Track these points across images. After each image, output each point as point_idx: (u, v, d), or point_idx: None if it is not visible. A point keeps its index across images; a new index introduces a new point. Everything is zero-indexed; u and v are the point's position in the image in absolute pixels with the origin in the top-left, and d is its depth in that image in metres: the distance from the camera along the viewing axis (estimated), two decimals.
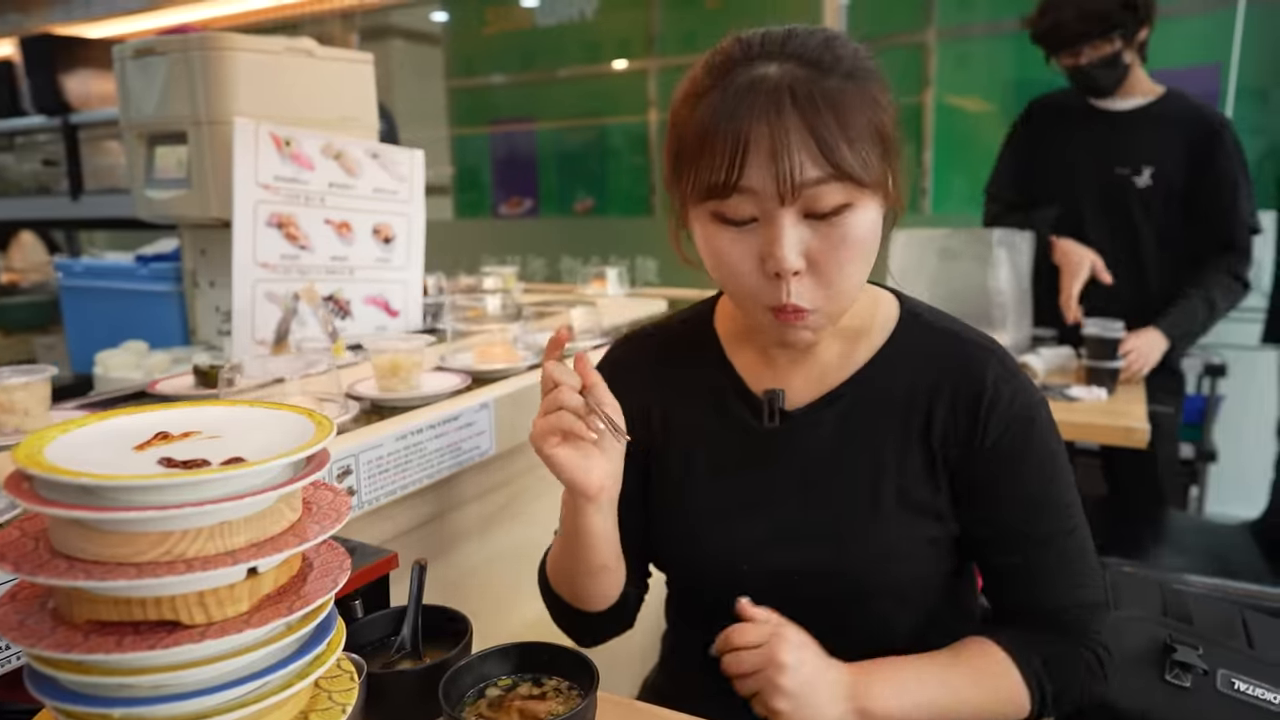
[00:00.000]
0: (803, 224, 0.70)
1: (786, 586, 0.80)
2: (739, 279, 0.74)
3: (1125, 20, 1.87)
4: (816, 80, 0.68)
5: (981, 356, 0.80)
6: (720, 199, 0.70)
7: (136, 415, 0.56)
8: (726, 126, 0.68)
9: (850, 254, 0.71)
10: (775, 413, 0.83)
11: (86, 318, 1.88)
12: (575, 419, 0.75)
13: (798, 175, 0.67)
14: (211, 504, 0.46)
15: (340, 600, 0.82)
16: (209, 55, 1.40)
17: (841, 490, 0.80)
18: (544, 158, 4.87)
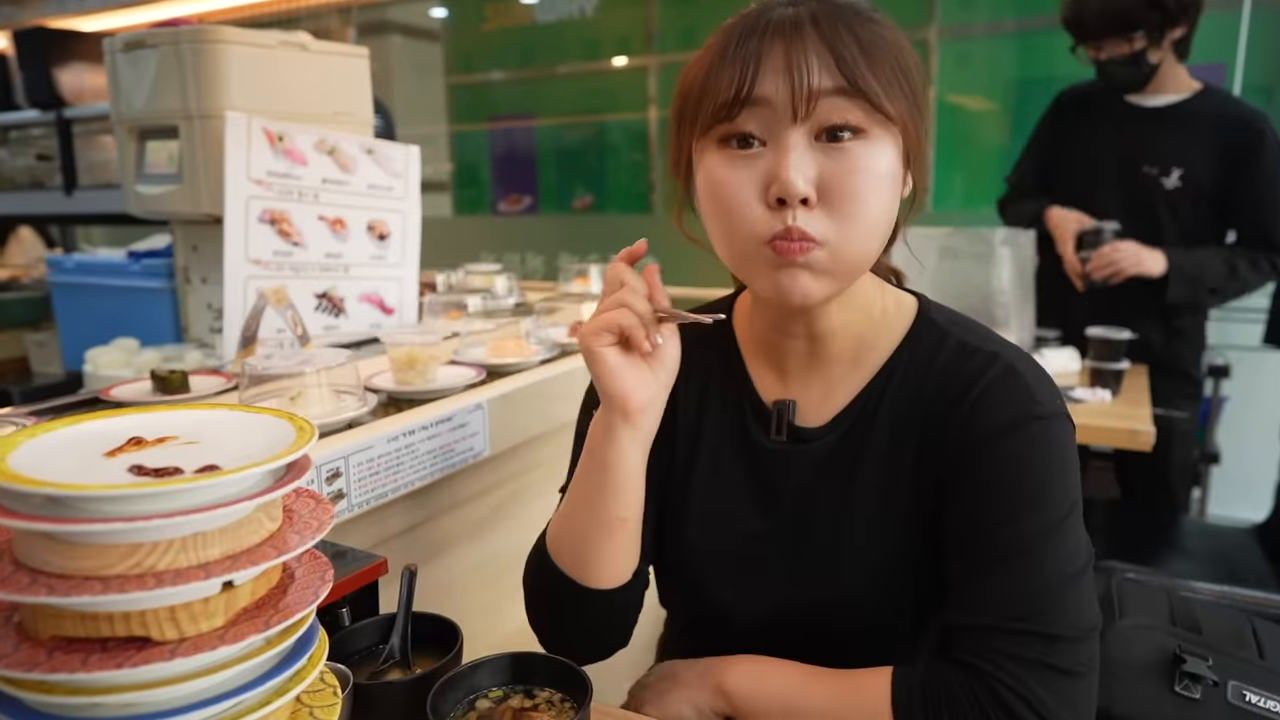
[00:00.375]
0: (814, 150, 0.65)
1: (783, 613, 0.77)
2: (737, 211, 0.66)
3: (1149, 20, 1.82)
4: (839, 16, 0.66)
5: (983, 359, 0.72)
6: (728, 120, 0.66)
7: (110, 419, 0.54)
8: (739, 50, 0.66)
9: (864, 184, 0.64)
10: (784, 427, 0.77)
11: (78, 315, 1.86)
12: (637, 321, 0.69)
13: (815, 82, 0.63)
14: (184, 515, 0.44)
15: (327, 608, 0.80)
16: (200, 48, 1.37)
17: (844, 516, 0.75)
18: (543, 154, 4.85)
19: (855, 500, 0.74)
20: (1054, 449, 0.69)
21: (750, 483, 0.79)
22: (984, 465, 0.69)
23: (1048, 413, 0.69)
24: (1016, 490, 0.68)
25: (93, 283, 1.81)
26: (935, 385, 0.73)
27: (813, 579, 0.76)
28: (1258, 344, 2.86)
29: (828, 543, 0.75)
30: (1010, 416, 0.69)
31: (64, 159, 2.18)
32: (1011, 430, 0.69)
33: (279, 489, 0.49)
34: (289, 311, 1.31)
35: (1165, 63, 1.91)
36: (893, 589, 0.75)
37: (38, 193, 2.33)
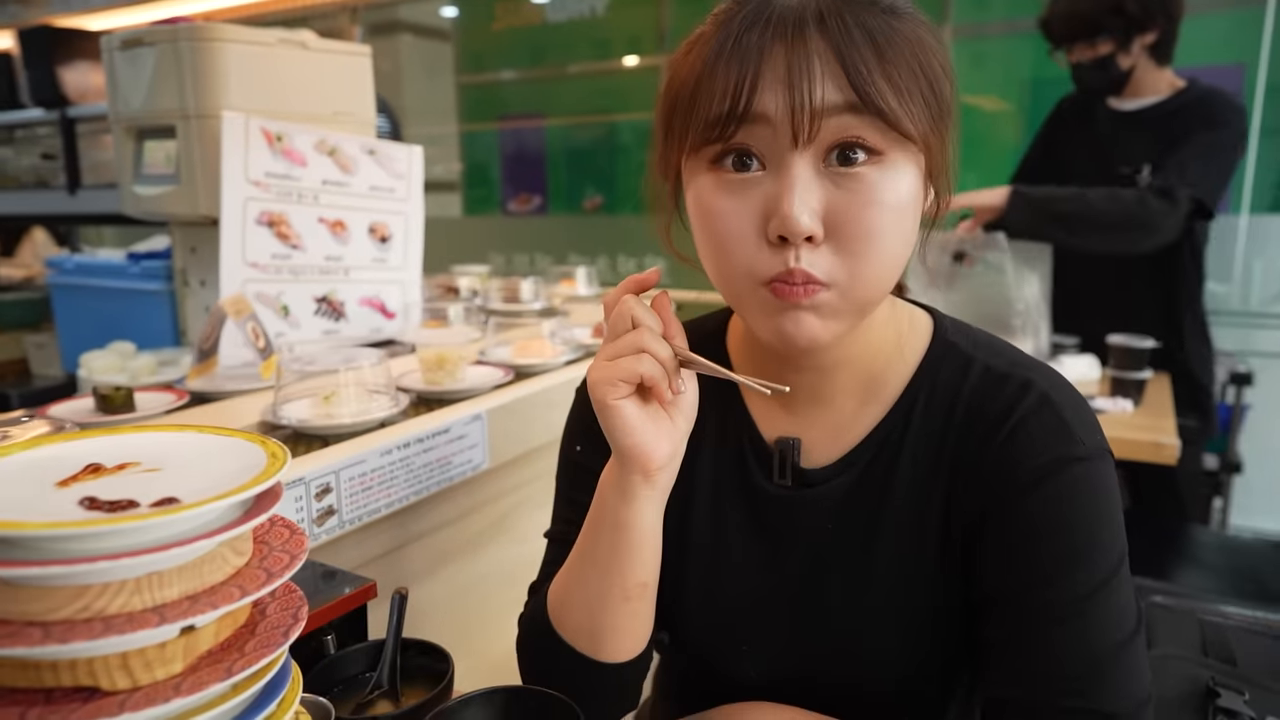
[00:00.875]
0: (821, 178, 0.55)
1: (793, 679, 0.69)
2: (733, 246, 0.57)
3: (1113, 25, 1.81)
4: (850, 9, 0.55)
5: (1015, 388, 0.63)
6: (721, 138, 0.56)
7: (69, 443, 0.50)
8: (732, 52, 0.55)
9: (879, 218, 0.55)
10: (787, 469, 0.68)
11: (78, 316, 1.83)
12: (661, 371, 0.60)
13: (819, 99, 0.53)
14: (133, 556, 0.40)
15: (311, 634, 0.76)
16: (198, 46, 1.34)
17: (863, 570, 0.66)
18: (553, 154, 4.81)
19: (876, 551, 0.66)
20: (1099, 494, 0.60)
21: (752, 532, 0.70)
22: (1023, 515, 0.60)
23: (1090, 453, 0.61)
24: (1062, 543, 0.59)
25: (92, 284, 1.78)
26: (963, 420, 0.64)
27: (828, 641, 0.67)
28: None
29: (845, 600, 0.67)
30: (1050, 458, 0.60)
31: (68, 158, 2.16)
32: (1053, 474, 0.60)
33: (246, 523, 0.45)
34: (249, 323, 1.22)
35: (1141, 67, 1.89)
36: (920, 651, 0.66)
37: (42, 192, 2.32)
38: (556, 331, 1.39)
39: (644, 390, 0.62)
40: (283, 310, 1.45)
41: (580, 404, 0.77)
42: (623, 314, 0.62)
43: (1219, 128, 1.83)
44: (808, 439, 0.69)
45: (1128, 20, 1.81)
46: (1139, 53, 1.86)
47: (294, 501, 0.86)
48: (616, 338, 0.62)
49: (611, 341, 0.62)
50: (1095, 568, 0.59)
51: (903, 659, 0.66)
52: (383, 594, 0.81)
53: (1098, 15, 1.81)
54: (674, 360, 0.62)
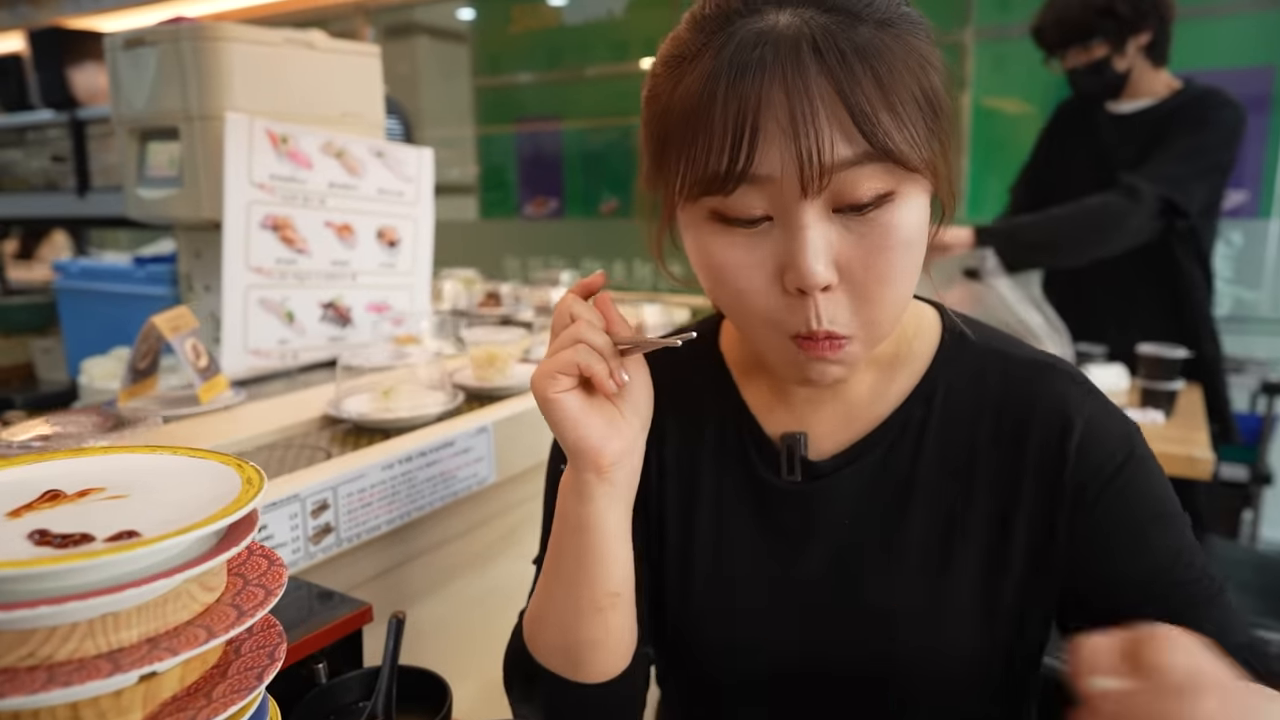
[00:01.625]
0: (832, 221, 0.53)
1: (816, 678, 0.66)
2: (748, 299, 0.56)
3: (1105, 28, 1.80)
4: (844, 29, 0.51)
5: (1048, 377, 0.63)
6: (722, 193, 0.53)
7: (29, 467, 0.47)
8: (728, 95, 0.51)
9: (895, 261, 0.54)
10: (795, 464, 0.66)
11: (83, 321, 1.81)
12: (596, 356, 0.58)
13: (827, 155, 0.50)
14: (80, 599, 0.36)
15: (302, 660, 0.72)
16: (201, 46, 1.31)
17: (885, 561, 0.64)
18: (570, 158, 4.78)
19: (904, 541, 0.64)
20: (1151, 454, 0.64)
21: (763, 531, 0.67)
22: (1122, 497, 0.61)
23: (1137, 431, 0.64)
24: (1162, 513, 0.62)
25: (98, 289, 1.76)
26: (995, 406, 0.64)
27: (859, 638, 0.64)
28: None
29: (871, 595, 0.64)
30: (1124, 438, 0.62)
31: (77, 160, 2.14)
32: (1132, 452, 0.62)
33: (215, 557, 0.41)
34: (188, 341, 1.13)
35: (1138, 69, 1.87)
36: (960, 648, 0.63)
37: (52, 194, 2.30)
38: None
39: (588, 384, 0.60)
40: (288, 316, 1.41)
41: None
42: (562, 311, 0.61)
43: (1204, 127, 1.81)
44: (813, 432, 0.67)
45: (1120, 22, 1.80)
46: (1134, 54, 1.85)
47: (289, 519, 0.83)
48: (557, 336, 0.61)
49: (553, 341, 0.61)
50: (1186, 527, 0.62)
51: (939, 658, 0.63)
52: (381, 614, 0.77)
53: (1089, 19, 1.81)
54: (613, 350, 0.60)
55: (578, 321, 0.60)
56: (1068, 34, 1.84)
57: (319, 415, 1.07)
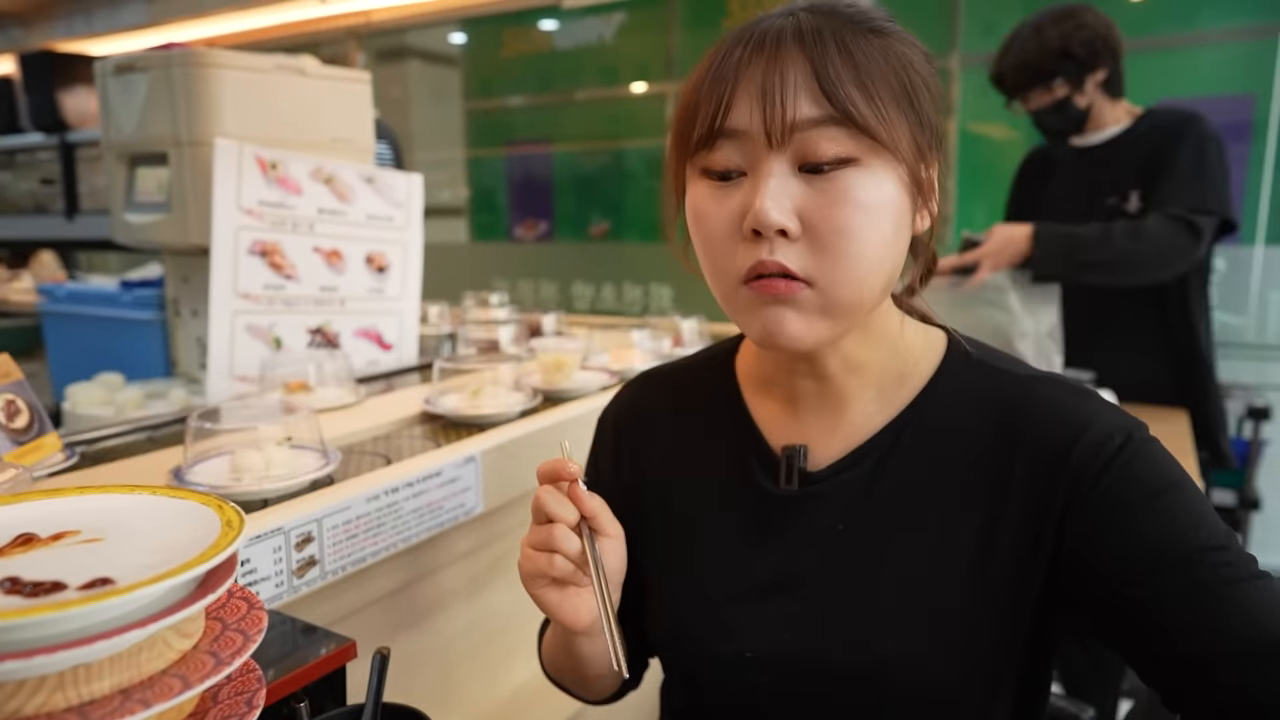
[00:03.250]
0: (797, 179, 0.57)
1: (807, 683, 0.66)
2: (716, 245, 0.61)
3: (1064, 69, 1.86)
4: (833, 27, 0.57)
5: (1043, 389, 0.64)
6: (707, 149, 0.60)
7: (2, 509, 0.46)
8: (718, 72, 0.59)
9: (851, 217, 0.56)
10: (794, 474, 0.68)
11: (68, 345, 1.79)
12: (569, 566, 0.66)
13: (790, 112, 0.55)
14: (48, 653, 0.35)
15: (283, 700, 0.70)
16: (191, 72, 1.31)
17: (876, 567, 0.65)
18: (560, 181, 4.80)
19: (895, 548, 0.65)
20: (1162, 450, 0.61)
21: (760, 540, 0.69)
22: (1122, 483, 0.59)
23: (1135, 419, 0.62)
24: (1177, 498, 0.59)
25: (83, 312, 1.75)
26: (993, 418, 0.64)
27: (842, 647, 0.65)
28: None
29: (859, 598, 0.65)
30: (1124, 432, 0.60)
31: (66, 183, 2.14)
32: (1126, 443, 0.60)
33: (192, 604, 0.40)
34: (4, 396, 0.95)
35: (1097, 104, 1.93)
36: (955, 650, 0.63)
37: (40, 217, 2.29)
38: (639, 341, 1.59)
39: None
40: (275, 342, 1.40)
41: (595, 441, 0.84)
42: (537, 508, 0.67)
43: (1192, 142, 1.84)
44: (815, 445, 0.69)
45: (1077, 62, 1.86)
46: (1093, 91, 1.91)
47: (272, 552, 0.81)
48: (535, 524, 0.68)
49: (532, 527, 0.68)
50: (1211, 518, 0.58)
51: (922, 667, 0.63)
52: (365, 647, 0.75)
53: (1048, 61, 1.86)
54: (582, 552, 0.67)
55: (551, 527, 0.66)
56: (1029, 78, 1.90)
57: (418, 411, 1.21)
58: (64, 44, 3.11)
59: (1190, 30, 3.07)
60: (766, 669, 0.67)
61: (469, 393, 1.20)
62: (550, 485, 0.68)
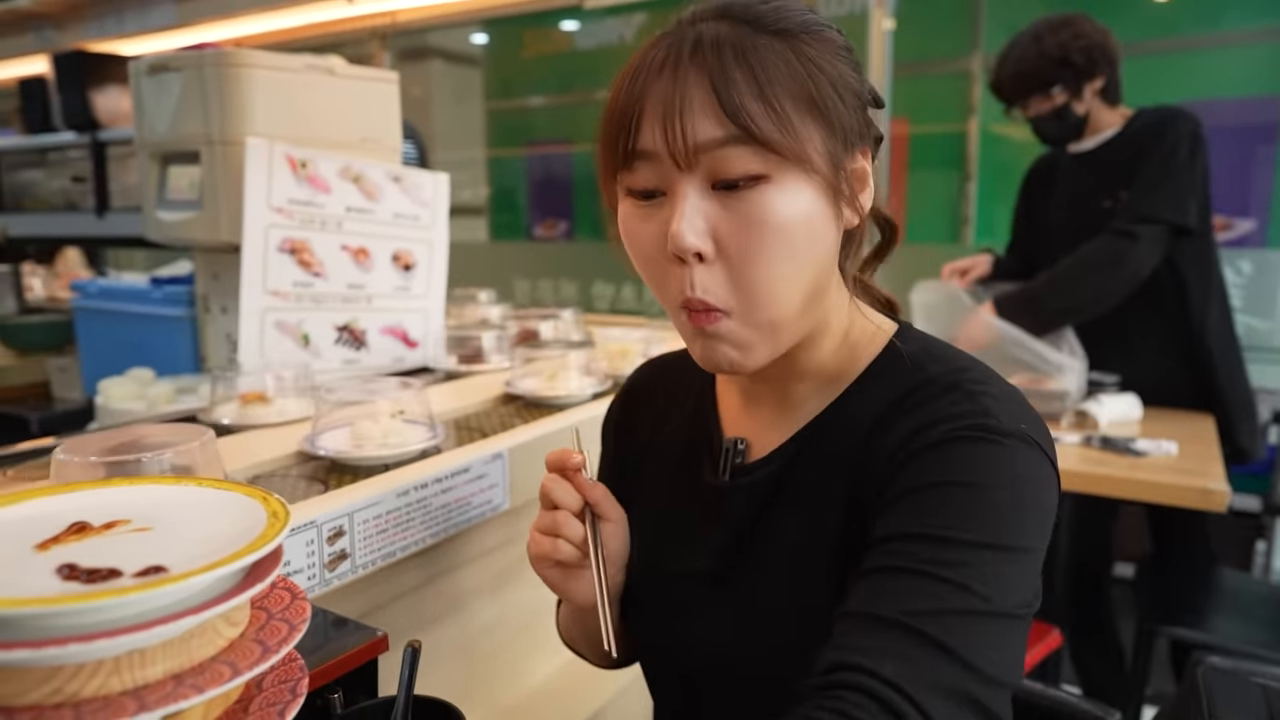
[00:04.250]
0: (711, 198, 0.57)
1: (719, 666, 0.68)
2: (647, 266, 0.62)
3: (1062, 76, 1.89)
4: (736, 37, 0.57)
5: (933, 382, 0.61)
6: (627, 169, 0.60)
7: (56, 497, 0.47)
8: (630, 85, 0.59)
9: (763, 238, 0.56)
10: (728, 466, 0.71)
11: (100, 340, 1.82)
12: (573, 550, 0.71)
13: (690, 134, 0.55)
14: (109, 637, 0.36)
15: (318, 690, 0.71)
16: (224, 72, 1.33)
17: (770, 558, 0.66)
18: (580, 181, 4.81)
19: (782, 542, 0.66)
20: (1005, 470, 0.55)
21: (692, 522, 0.73)
22: (910, 477, 0.57)
23: (1002, 430, 0.56)
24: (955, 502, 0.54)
25: (115, 308, 1.77)
26: (882, 413, 0.62)
27: (744, 630, 0.67)
28: None
29: (753, 587, 0.67)
30: (961, 424, 0.57)
31: (97, 181, 2.17)
32: (960, 438, 0.56)
33: (241, 593, 0.41)
34: None
35: (1095, 111, 1.96)
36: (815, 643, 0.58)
37: (71, 214, 2.33)
38: None
39: None
40: (303, 339, 1.42)
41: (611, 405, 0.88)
42: (544, 494, 0.72)
43: (1164, 142, 1.85)
44: (758, 438, 0.71)
45: (1075, 70, 1.88)
46: (1090, 98, 1.93)
47: (305, 545, 0.82)
48: (542, 510, 0.73)
49: (540, 513, 0.73)
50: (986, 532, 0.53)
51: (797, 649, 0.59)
52: (394, 640, 0.77)
53: (1047, 69, 1.89)
54: (584, 537, 0.71)
55: (559, 513, 0.71)
56: (1028, 85, 1.92)
57: (500, 394, 1.33)
58: (96, 44, 3.14)
59: (1216, 31, 3.04)
60: (687, 644, 0.71)
61: (545, 376, 1.30)
62: (556, 473, 0.72)
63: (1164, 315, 1.94)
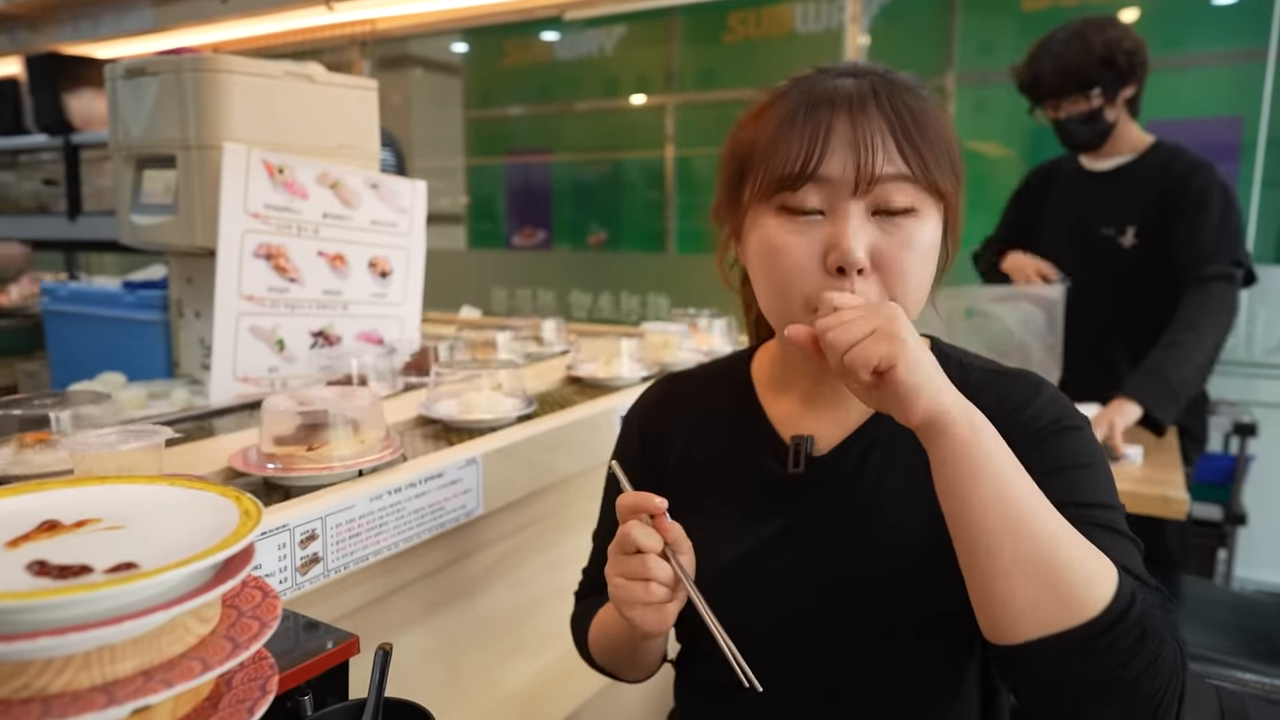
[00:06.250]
0: (870, 223, 0.69)
1: (807, 635, 0.76)
2: (796, 274, 0.70)
3: (1104, 78, 1.86)
4: (896, 91, 0.70)
5: (1020, 382, 0.76)
6: (791, 189, 0.69)
7: (27, 496, 0.47)
8: (806, 118, 0.69)
9: (915, 259, 0.69)
10: (801, 459, 0.78)
11: (70, 344, 1.80)
12: (665, 591, 0.71)
13: (878, 167, 0.67)
14: (79, 631, 0.36)
15: (287, 693, 0.72)
16: (201, 77, 1.33)
17: (871, 532, 0.75)
18: (559, 190, 4.82)
19: (887, 515, 0.75)
20: (1099, 451, 0.73)
21: (770, 519, 0.79)
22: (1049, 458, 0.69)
23: (1083, 420, 0.74)
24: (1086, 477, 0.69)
25: (86, 312, 1.76)
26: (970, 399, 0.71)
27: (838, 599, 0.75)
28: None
29: (855, 551, 0.75)
30: (1072, 419, 0.73)
31: (69, 184, 2.15)
32: (1063, 426, 0.72)
33: (212, 590, 0.42)
34: None
35: (1121, 122, 1.94)
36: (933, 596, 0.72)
37: (42, 217, 2.30)
38: None
39: None
40: (278, 344, 1.42)
41: (621, 435, 0.93)
42: (627, 540, 0.71)
43: (1220, 189, 1.85)
44: (820, 434, 0.79)
45: (1116, 73, 1.85)
46: (1120, 106, 1.92)
47: (276, 549, 0.83)
48: (624, 555, 0.72)
49: (619, 556, 0.73)
50: (1114, 498, 0.70)
51: (914, 607, 0.72)
52: (367, 645, 0.77)
53: (1089, 68, 1.85)
54: (673, 576, 0.71)
55: (647, 556, 0.71)
56: (1068, 83, 1.87)
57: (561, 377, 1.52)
58: (70, 47, 3.12)
59: (1181, 53, 3.12)
60: (768, 633, 0.75)
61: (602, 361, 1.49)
62: (635, 519, 0.72)
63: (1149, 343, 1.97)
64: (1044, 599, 0.57)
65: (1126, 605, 0.58)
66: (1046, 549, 0.58)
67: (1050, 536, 0.58)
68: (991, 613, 0.60)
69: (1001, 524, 0.58)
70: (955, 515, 0.61)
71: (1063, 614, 0.57)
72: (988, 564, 0.59)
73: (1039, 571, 0.58)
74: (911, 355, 0.59)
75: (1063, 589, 0.57)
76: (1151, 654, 0.58)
